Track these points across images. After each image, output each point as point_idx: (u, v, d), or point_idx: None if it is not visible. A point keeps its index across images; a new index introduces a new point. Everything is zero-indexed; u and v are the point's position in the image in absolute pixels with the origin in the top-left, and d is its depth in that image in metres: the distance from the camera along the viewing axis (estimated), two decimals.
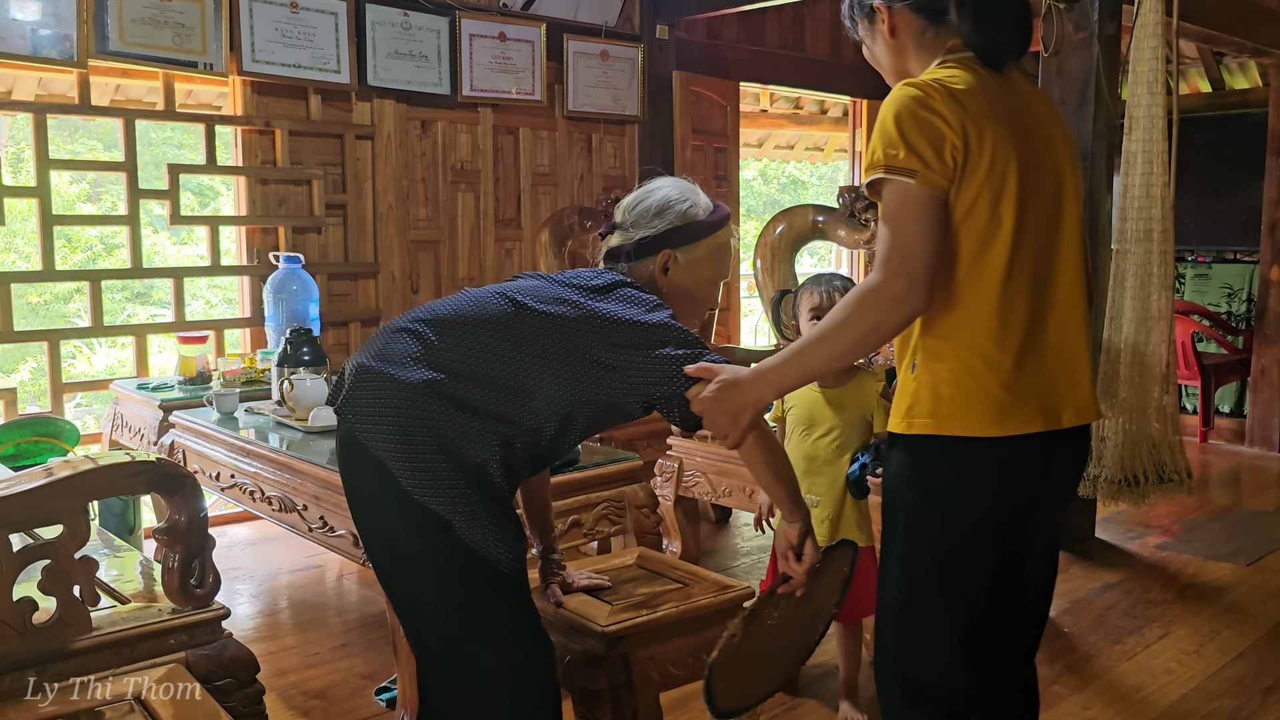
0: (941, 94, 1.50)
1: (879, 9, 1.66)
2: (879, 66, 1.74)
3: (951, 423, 1.53)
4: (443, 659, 1.68)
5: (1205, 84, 6.42)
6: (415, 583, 1.67)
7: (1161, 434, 3.60)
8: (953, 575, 1.60)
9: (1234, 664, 2.92)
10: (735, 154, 5.90)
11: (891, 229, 1.48)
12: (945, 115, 1.48)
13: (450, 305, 1.71)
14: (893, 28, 1.65)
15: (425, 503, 1.59)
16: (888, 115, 1.51)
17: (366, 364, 1.65)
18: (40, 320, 8.66)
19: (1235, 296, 6.14)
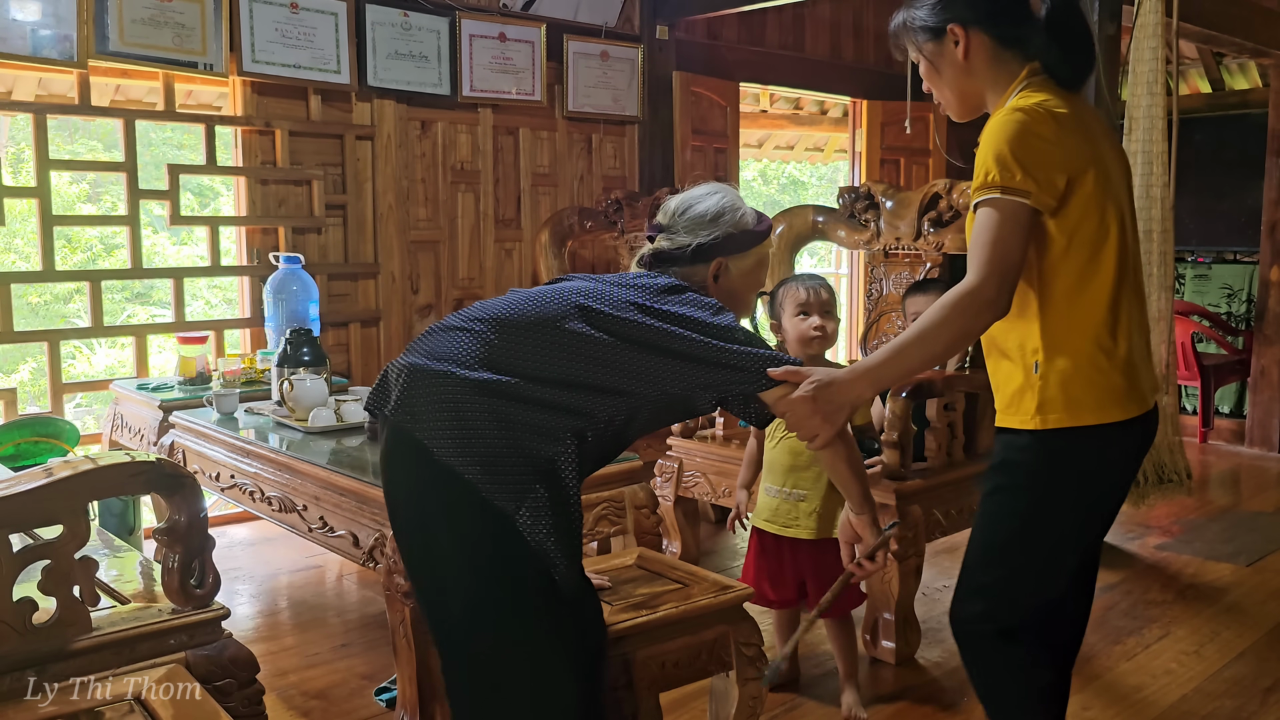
0: (1048, 119, 1.64)
1: (954, 30, 1.74)
2: (939, 86, 1.82)
3: (1085, 413, 1.68)
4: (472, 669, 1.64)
5: (1205, 84, 6.42)
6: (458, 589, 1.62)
7: (1161, 435, 3.61)
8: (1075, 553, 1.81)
9: (1234, 664, 2.92)
10: (735, 154, 5.90)
11: (993, 240, 1.62)
12: (1053, 139, 1.63)
13: (507, 306, 1.69)
14: (967, 50, 1.74)
15: (492, 497, 1.56)
16: (1000, 138, 1.64)
17: (421, 364, 1.62)
18: (40, 320, 8.66)
19: (1235, 297, 6.14)
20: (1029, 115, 1.64)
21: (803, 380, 1.66)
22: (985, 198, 1.63)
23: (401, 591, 2.25)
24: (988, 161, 1.64)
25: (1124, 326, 1.71)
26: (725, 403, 1.70)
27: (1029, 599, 1.80)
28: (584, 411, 1.63)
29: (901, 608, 2.89)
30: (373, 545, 2.41)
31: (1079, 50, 1.73)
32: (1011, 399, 1.74)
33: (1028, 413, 1.71)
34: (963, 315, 1.63)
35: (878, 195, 3.75)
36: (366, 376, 4.49)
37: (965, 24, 1.74)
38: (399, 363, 1.66)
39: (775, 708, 2.62)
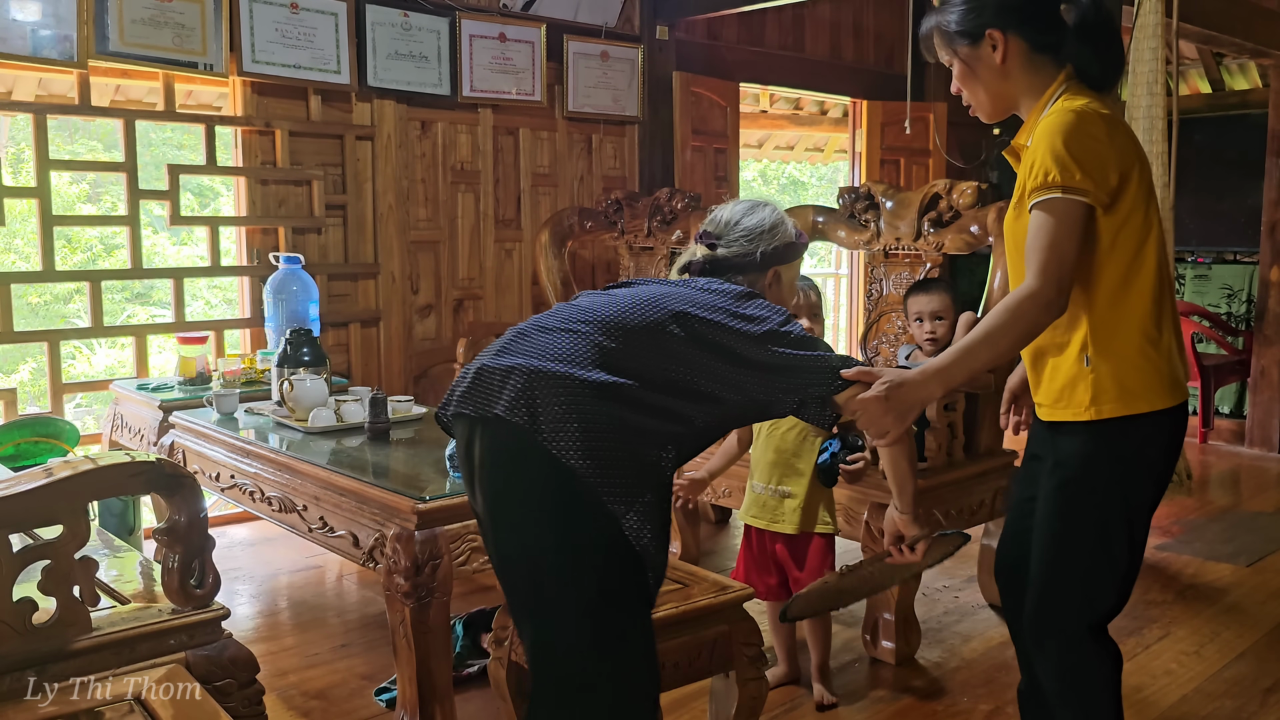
0: (1099, 119, 1.73)
1: (993, 35, 1.80)
2: (973, 89, 1.87)
3: (1139, 401, 1.78)
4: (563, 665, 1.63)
5: (1205, 85, 6.42)
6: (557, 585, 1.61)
7: None
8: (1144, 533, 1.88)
9: (1234, 665, 2.92)
10: (735, 155, 5.90)
11: (1052, 241, 1.70)
12: (1105, 139, 1.72)
13: (607, 309, 1.70)
14: (1005, 54, 1.81)
15: (606, 499, 1.56)
16: (1057, 138, 1.70)
17: (536, 365, 1.60)
18: (40, 321, 8.66)
19: (1235, 297, 6.14)
20: (1081, 116, 1.71)
21: (874, 380, 1.70)
22: (1046, 198, 1.70)
23: (401, 592, 2.26)
24: (1047, 162, 1.70)
25: (1167, 317, 1.80)
26: (803, 405, 1.72)
27: (1115, 590, 1.86)
28: (686, 418, 1.66)
29: (902, 608, 2.89)
30: (373, 545, 2.41)
31: (1110, 53, 1.82)
32: (1061, 393, 1.82)
33: (1081, 405, 1.79)
34: (1025, 317, 1.70)
35: (878, 195, 3.75)
36: (366, 377, 4.49)
37: (1004, 29, 1.80)
38: (499, 364, 1.64)
39: (775, 707, 2.62)
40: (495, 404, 1.61)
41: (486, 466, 1.65)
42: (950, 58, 1.87)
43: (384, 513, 2.39)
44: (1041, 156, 1.71)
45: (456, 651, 2.77)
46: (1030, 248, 1.73)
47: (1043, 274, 1.69)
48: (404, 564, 2.25)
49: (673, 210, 4.60)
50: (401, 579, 2.26)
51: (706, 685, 2.30)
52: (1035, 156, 1.73)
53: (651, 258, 4.77)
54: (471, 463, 1.68)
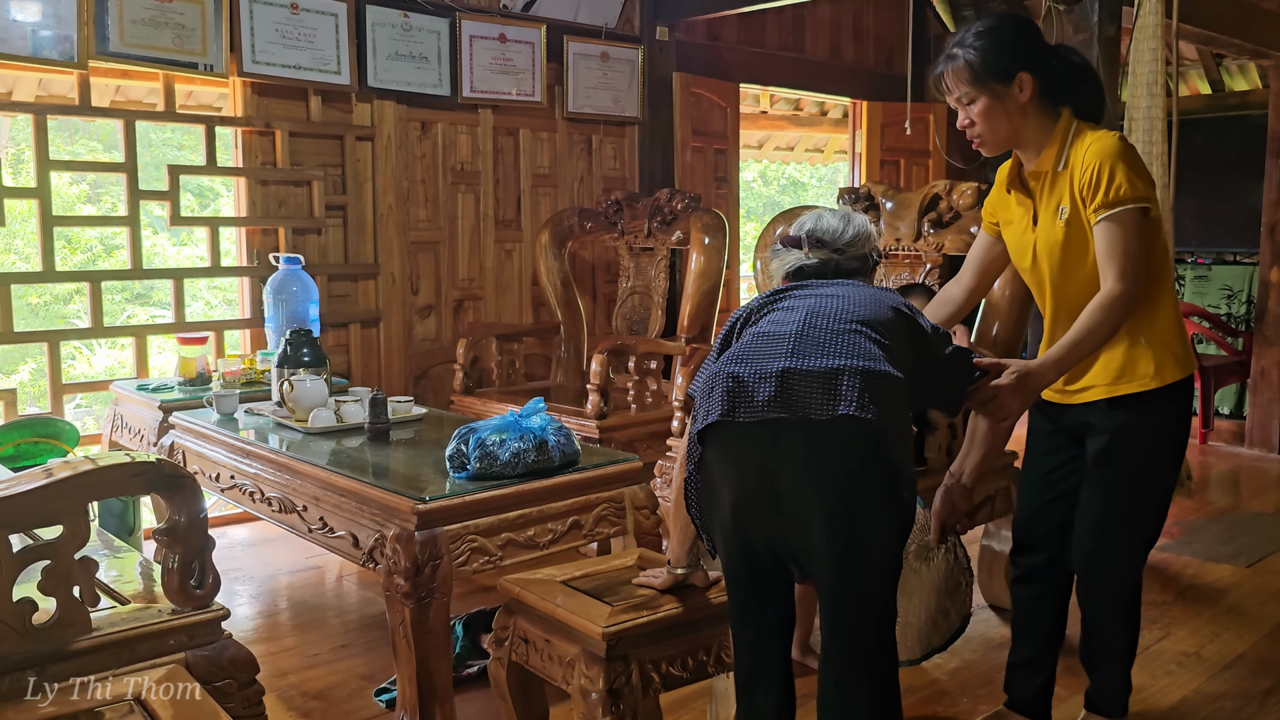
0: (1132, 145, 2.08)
1: (1022, 77, 2.07)
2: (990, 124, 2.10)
3: (1186, 366, 2.18)
4: (882, 608, 1.83)
5: (1205, 86, 6.42)
6: (876, 546, 1.79)
7: None
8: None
9: (1234, 665, 2.92)
10: (735, 155, 5.90)
11: (1128, 249, 2.01)
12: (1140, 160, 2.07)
13: (856, 308, 1.88)
14: (1029, 98, 2.09)
15: (907, 477, 1.81)
16: (1118, 160, 2.02)
17: (861, 365, 1.76)
18: (40, 321, 8.66)
19: (1235, 298, 6.14)
20: (1125, 142, 2.05)
21: (1002, 370, 2.00)
22: (1118, 210, 2.00)
23: (401, 592, 2.26)
24: (1117, 178, 2.00)
25: (1177, 301, 2.23)
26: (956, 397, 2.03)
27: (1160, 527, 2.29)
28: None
29: None
30: (372, 546, 2.41)
31: (1101, 96, 2.17)
32: (1122, 370, 2.14)
33: (1147, 375, 2.13)
34: (1117, 314, 2.01)
35: (878, 196, 3.75)
36: (366, 377, 4.49)
37: (1031, 72, 2.07)
38: (809, 366, 1.76)
39: None
40: (831, 405, 1.73)
41: (829, 463, 1.75)
42: (976, 94, 2.08)
43: (384, 513, 2.39)
44: (1108, 173, 2.01)
45: (456, 652, 2.78)
46: (1109, 254, 2.02)
47: (1125, 277, 2.00)
48: (404, 564, 2.25)
49: (673, 211, 4.59)
50: (401, 579, 2.26)
51: (706, 686, 2.30)
52: (1098, 176, 2.02)
53: (651, 258, 4.77)
54: (771, 470, 1.77)
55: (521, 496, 2.45)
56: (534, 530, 2.46)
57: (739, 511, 1.82)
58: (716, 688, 2.20)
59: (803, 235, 2.11)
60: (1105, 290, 2.02)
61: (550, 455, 2.52)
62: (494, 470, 2.45)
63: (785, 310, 1.91)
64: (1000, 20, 2.12)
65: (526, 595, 2.10)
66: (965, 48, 2.08)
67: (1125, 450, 2.18)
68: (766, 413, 1.75)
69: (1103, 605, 2.31)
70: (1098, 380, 2.17)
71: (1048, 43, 2.14)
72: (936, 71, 2.13)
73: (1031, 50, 2.09)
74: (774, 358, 1.79)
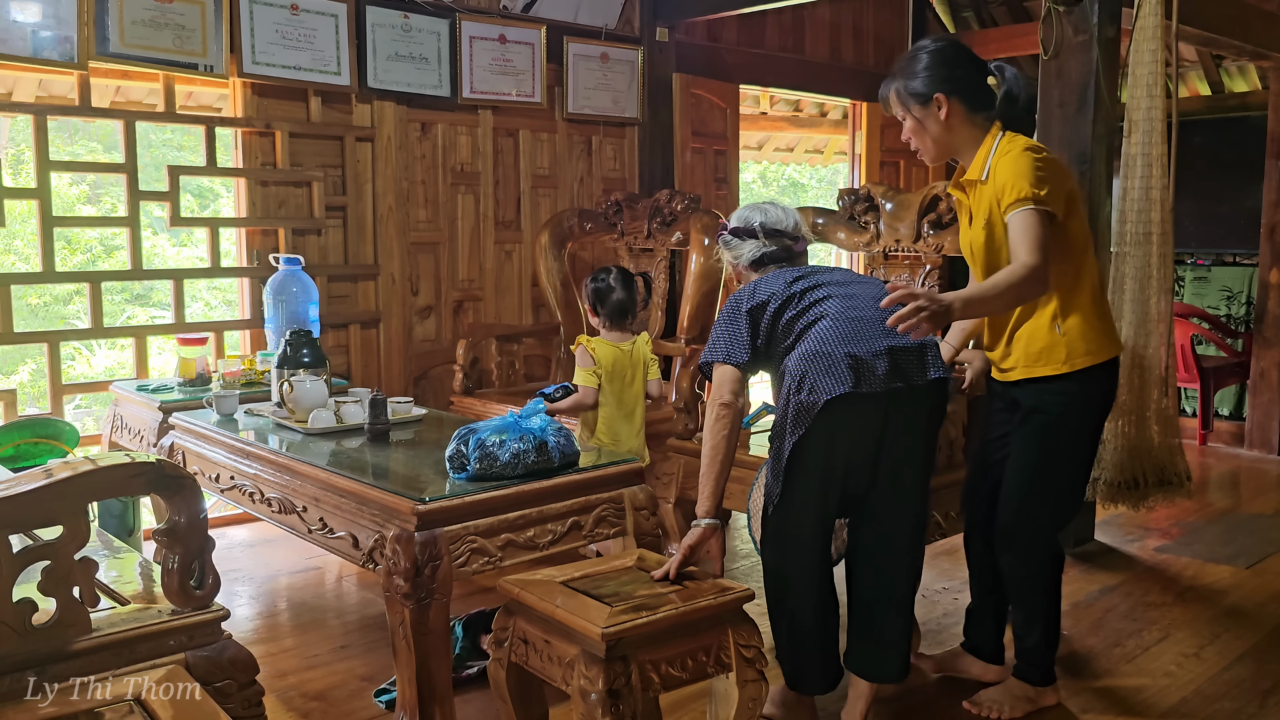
0: (1045, 154, 2.32)
1: (938, 98, 2.37)
2: (921, 138, 2.44)
3: (1102, 353, 2.41)
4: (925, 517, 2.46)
5: (1204, 87, 6.42)
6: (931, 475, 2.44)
7: (1161, 437, 3.61)
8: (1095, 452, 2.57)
9: (1233, 666, 2.92)
10: (735, 156, 5.90)
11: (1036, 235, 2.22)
12: (1054, 166, 2.32)
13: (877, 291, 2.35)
14: (948, 113, 2.38)
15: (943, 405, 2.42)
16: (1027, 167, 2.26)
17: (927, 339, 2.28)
18: (40, 322, 8.66)
19: (1234, 299, 6.14)
20: (1038, 152, 2.30)
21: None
22: (1025, 208, 2.24)
23: (401, 593, 2.26)
24: (1019, 183, 2.25)
25: (1101, 294, 2.48)
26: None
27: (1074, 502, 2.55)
28: None
29: None
30: (372, 547, 2.41)
31: (1032, 110, 2.49)
32: (1040, 354, 2.40)
33: (1059, 360, 2.38)
34: (1025, 279, 2.19)
35: (877, 197, 3.75)
36: (366, 378, 4.49)
37: (947, 94, 2.36)
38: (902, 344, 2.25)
39: None
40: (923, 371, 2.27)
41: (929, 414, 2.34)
42: (904, 114, 2.42)
43: (384, 514, 2.39)
44: (1014, 179, 2.26)
45: (456, 653, 2.77)
46: (1019, 240, 2.24)
47: (1033, 253, 2.20)
48: (404, 565, 2.25)
49: (673, 212, 4.60)
50: (401, 580, 2.26)
51: (706, 686, 2.30)
52: (1007, 181, 2.27)
53: (651, 259, 4.77)
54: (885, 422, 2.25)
55: (521, 497, 2.45)
56: (534, 531, 2.46)
57: (851, 463, 2.27)
58: (716, 688, 2.20)
59: (757, 228, 2.56)
60: (1017, 261, 2.24)
61: (550, 456, 2.52)
62: (494, 471, 2.45)
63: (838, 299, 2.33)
64: (922, 48, 2.43)
65: (526, 596, 2.10)
66: (893, 76, 2.45)
67: (1038, 425, 2.44)
68: (889, 383, 2.21)
69: (1013, 568, 2.56)
70: (1019, 362, 2.43)
71: (979, 61, 2.41)
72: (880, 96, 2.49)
73: (951, 73, 2.36)
74: (874, 338, 2.24)
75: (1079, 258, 2.38)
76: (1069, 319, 2.38)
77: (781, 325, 2.36)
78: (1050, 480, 2.49)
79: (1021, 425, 2.48)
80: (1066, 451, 2.47)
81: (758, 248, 2.56)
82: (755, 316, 2.37)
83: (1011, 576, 2.58)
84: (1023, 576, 2.56)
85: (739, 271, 2.65)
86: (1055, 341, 2.38)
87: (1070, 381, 2.39)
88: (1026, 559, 2.54)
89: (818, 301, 2.34)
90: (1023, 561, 2.54)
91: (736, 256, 2.61)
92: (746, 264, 2.58)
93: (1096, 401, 2.47)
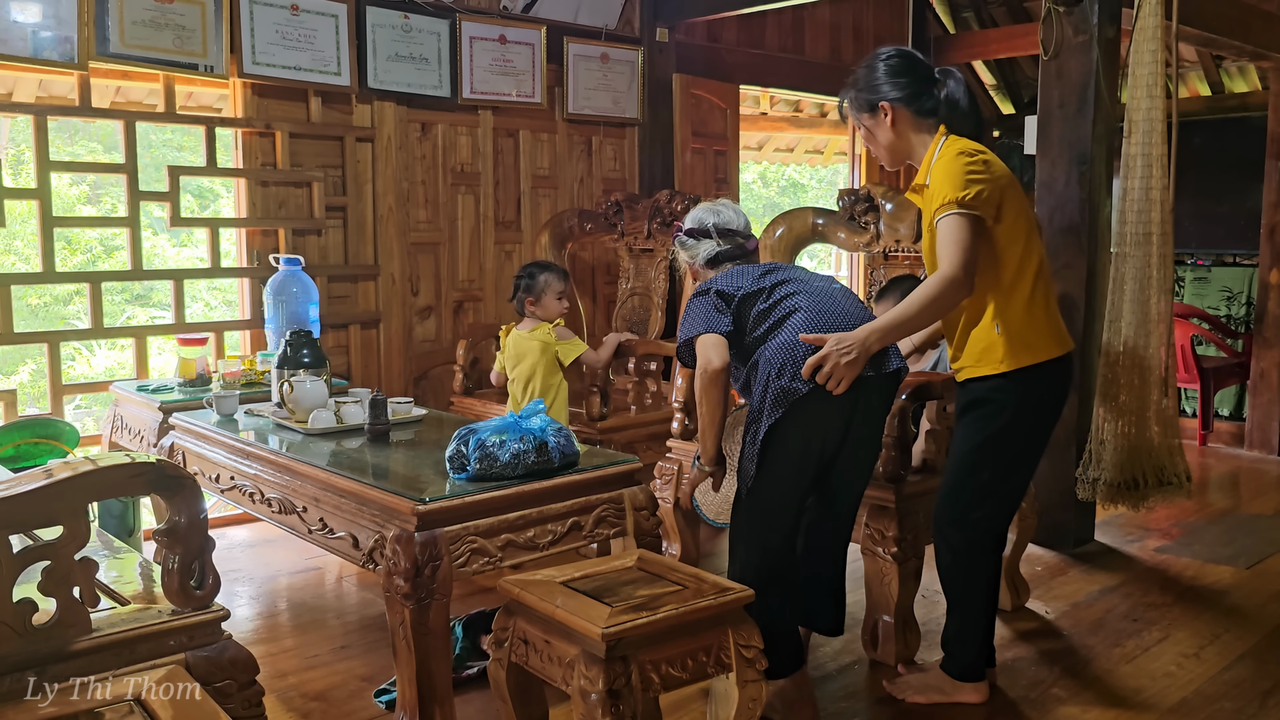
0: (979, 157, 2.38)
1: (883, 107, 2.48)
2: (876, 144, 2.56)
3: (1042, 352, 2.46)
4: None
5: (1204, 87, 6.43)
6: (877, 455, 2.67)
7: (1161, 437, 3.60)
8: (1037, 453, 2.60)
9: (1233, 667, 2.92)
10: (735, 157, 5.90)
11: (959, 240, 2.32)
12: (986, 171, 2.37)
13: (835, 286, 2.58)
14: (894, 120, 2.48)
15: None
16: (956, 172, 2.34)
17: None
18: (40, 322, 8.66)
19: (1234, 300, 6.14)
20: (969, 157, 2.37)
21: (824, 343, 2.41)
22: (949, 214, 2.34)
23: (401, 593, 2.26)
24: (945, 189, 2.34)
25: (1050, 294, 2.50)
26: None
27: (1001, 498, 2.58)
28: None
29: (901, 610, 2.89)
30: (372, 547, 2.41)
31: (975, 114, 2.50)
32: (981, 355, 2.47)
33: (996, 360, 2.44)
34: (941, 292, 2.33)
35: (877, 197, 3.75)
36: (366, 378, 4.49)
37: (893, 102, 2.47)
38: None
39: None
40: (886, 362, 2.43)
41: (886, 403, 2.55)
42: (858, 124, 2.56)
43: (384, 514, 2.39)
44: (942, 186, 2.35)
45: (456, 653, 2.77)
46: (941, 247, 2.34)
47: (951, 262, 2.32)
48: (404, 565, 2.26)
49: (673, 212, 4.60)
50: (401, 580, 2.26)
51: (706, 686, 2.30)
52: (937, 186, 2.37)
53: (651, 260, 4.77)
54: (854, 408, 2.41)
55: (521, 498, 2.45)
56: (534, 531, 2.46)
57: (825, 444, 2.44)
58: (716, 689, 2.20)
59: (710, 228, 2.69)
60: (934, 273, 2.36)
61: (550, 456, 2.52)
62: (494, 471, 2.45)
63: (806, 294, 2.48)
64: (873, 58, 2.53)
65: (526, 596, 2.10)
66: (847, 86, 2.57)
67: (970, 419, 2.54)
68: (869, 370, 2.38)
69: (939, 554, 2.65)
70: (966, 362, 2.52)
71: (926, 68, 2.50)
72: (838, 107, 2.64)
73: (895, 82, 2.47)
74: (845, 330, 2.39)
75: (1018, 258, 2.42)
76: (1007, 318, 2.43)
77: (752, 316, 2.49)
78: (977, 474, 2.53)
79: (959, 419, 2.58)
80: (996, 449, 2.51)
81: (713, 247, 2.69)
82: (726, 300, 2.50)
83: (938, 562, 2.66)
84: (946, 564, 2.63)
85: (695, 270, 2.77)
86: (994, 341, 2.44)
87: (1007, 380, 2.44)
88: (951, 547, 2.61)
89: (789, 296, 2.49)
90: (948, 549, 2.61)
91: (693, 256, 2.73)
92: (702, 263, 2.71)
93: (1034, 401, 2.48)
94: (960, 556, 2.60)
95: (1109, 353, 3.60)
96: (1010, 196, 2.40)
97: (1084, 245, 3.82)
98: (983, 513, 2.56)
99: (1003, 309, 2.44)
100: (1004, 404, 2.47)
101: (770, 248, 3.89)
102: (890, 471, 2.86)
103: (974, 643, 2.64)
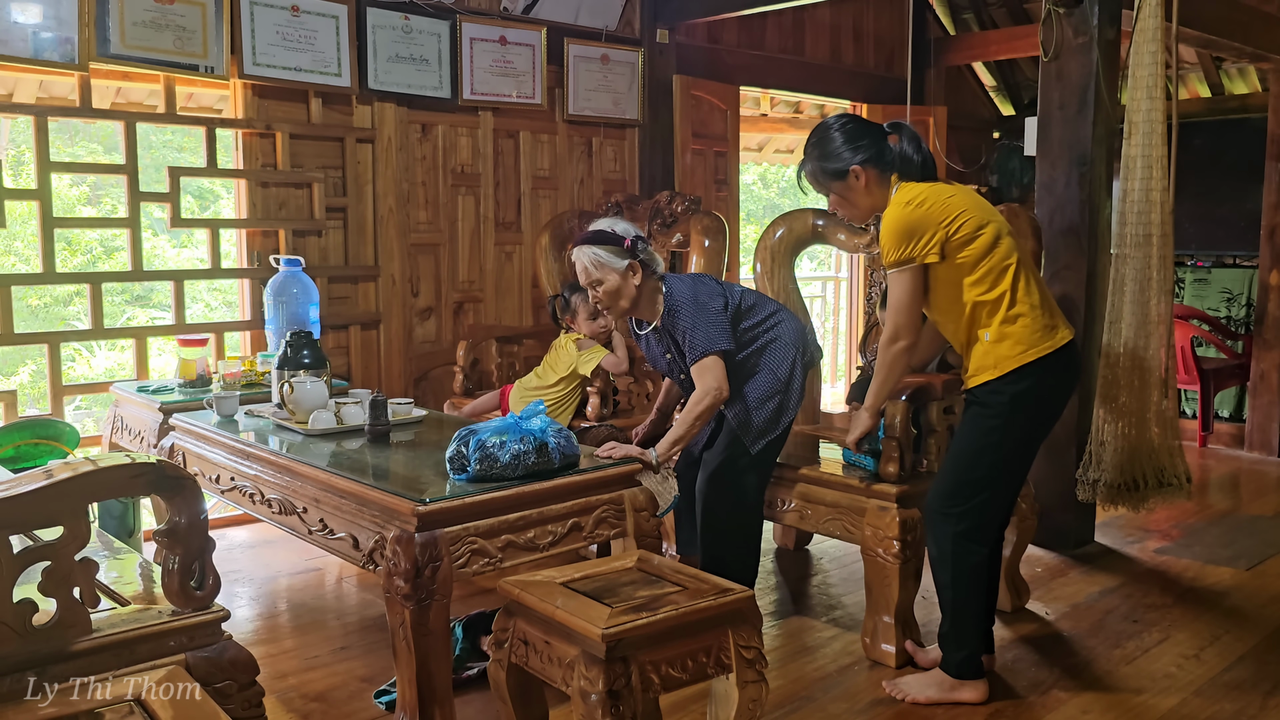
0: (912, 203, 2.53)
1: (855, 170, 2.61)
2: (850, 207, 2.69)
3: (1031, 351, 2.54)
4: None
5: (1204, 89, 6.43)
6: None
7: (1161, 438, 3.60)
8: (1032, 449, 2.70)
9: (1233, 668, 2.92)
10: (735, 158, 5.90)
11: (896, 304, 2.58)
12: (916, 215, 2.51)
13: None
14: (866, 181, 2.62)
15: None
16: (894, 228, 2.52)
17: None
18: (40, 323, 8.66)
19: (1234, 301, 6.14)
20: (905, 208, 2.52)
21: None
22: (891, 271, 2.56)
23: (401, 594, 2.26)
24: (886, 247, 2.54)
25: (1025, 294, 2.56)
26: None
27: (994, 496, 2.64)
28: None
29: (901, 611, 2.89)
30: (372, 548, 2.41)
31: (924, 162, 2.61)
32: (980, 366, 2.60)
33: (991, 366, 2.57)
34: (892, 356, 2.62)
35: None
36: (366, 379, 4.49)
37: (862, 164, 2.60)
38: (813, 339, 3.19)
39: (775, 710, 2.62)
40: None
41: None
42: (826, 191, 2.69)
43: (384, 515, 2.39)
44: (884, 242, 2.55)
45: (456, 654, 2.77)
46: (888, 309, 2.60)
47: (889, 327, 2.59)
48: (404, 566, 2.26)
49: (673, 213, 4.60)
50: (401, 581, 2.26)
51: (706, 687, 2.30)
52: (882, 243, 2.56)
53: None
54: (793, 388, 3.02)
55: (521, 498, 2.45)
56: (534, 532, 2.46)
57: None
58: (716, 689, 2.20)
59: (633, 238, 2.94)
60: (884, 341, 2.62)
61: (550, 457, 2.52)
62: (494, 472, 2.45)
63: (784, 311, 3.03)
64: (826, 130, 2.65)
65: (526, 597, 2.10)
66: (806, 159, 2.69)
67: (968, 416, 2.66)
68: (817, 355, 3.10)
69: (930, 546, 2.72)
70: (970, 372, 2.65)
71: (878, 128, 2.63)
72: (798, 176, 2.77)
73: (857, 146, 2.60)
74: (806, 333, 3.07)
75: (993, 267, 2.53)
76: (995, 326, 2.56)
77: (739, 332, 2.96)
78: (972, 469, 2.62)
79: (963, 415, 2.70)
80: (991, 445, 2.60)
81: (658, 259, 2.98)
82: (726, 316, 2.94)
83: (930, 555, 2.73)
84: (936, 557, 2.70)
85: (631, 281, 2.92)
86: (988, 349, 2.57)
87: (1003, 380, 2.56)
88: (939, 540, 2.67)
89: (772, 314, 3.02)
90: (936, 542, 2.68)
91: (651, 261, 2.94)
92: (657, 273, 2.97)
93: (1029, 398, 2.56)
94: (950, 549, 2.65)
95: (1109, 354, 3.60)
96: (962, 218, 2.51)
97: (1084, 246, 3.83)
98: (973, 505, 2.62)
99: (990, 319, 2.55)
100: (999, 403, 2.56)
101: (771, 249, 3.89)
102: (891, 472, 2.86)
103: (968, 639, 2.67)
